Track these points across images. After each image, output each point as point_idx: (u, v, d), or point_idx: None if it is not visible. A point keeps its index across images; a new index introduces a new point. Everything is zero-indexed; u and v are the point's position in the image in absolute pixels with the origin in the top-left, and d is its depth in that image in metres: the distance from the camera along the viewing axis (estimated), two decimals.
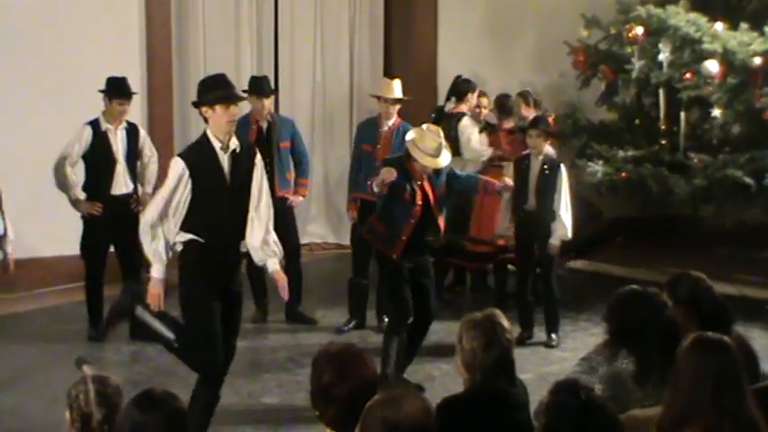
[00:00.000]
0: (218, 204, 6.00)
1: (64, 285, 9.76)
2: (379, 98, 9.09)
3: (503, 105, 10.12)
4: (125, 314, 6.34)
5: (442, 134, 7.36)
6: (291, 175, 9.24)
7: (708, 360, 3.77)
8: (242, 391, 7.47)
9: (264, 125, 9.12)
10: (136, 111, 10.32)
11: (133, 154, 8.82)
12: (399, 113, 9.03)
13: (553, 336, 8.72)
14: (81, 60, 10.17)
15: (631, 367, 4.56)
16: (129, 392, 3.89)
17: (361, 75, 12.56)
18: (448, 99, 10.27)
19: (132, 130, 8.85)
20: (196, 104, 6.10)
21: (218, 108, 5.96)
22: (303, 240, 12.15)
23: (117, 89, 8.72)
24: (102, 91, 8.68)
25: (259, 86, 9.17)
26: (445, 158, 7.29)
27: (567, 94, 12.10)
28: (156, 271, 6.04)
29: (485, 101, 10.54)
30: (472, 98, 10.00)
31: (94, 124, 8.67)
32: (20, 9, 9.97)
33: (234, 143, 6.10)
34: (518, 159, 8.81)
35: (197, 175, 5.94)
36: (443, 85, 11.60)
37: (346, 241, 10.54)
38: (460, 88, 10.07)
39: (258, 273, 9.20)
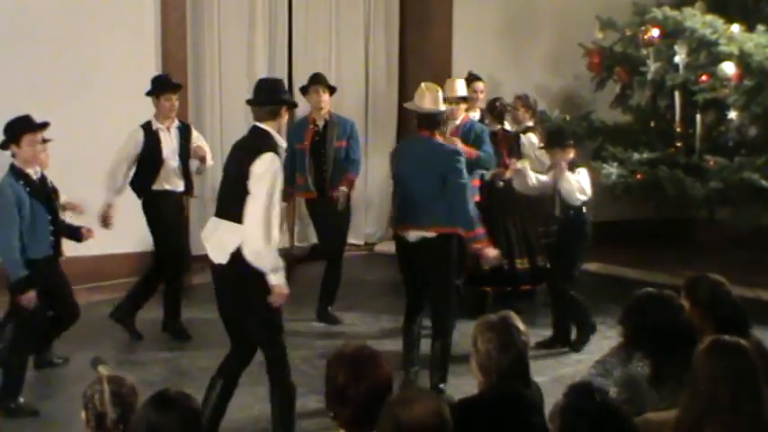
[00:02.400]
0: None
1: (80, 285, 9.71)
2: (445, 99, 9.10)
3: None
4: None
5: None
6: (348, 176, 9.25)
7: (725, 363, 3.76)
8: (257, 393, 7.46)
9: (321, 124, 9.17)
10: (151, 111, 10.36)
11: (186, 153, 8.84)
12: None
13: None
14: (97, 62, 10.21)
15: (646, 370, 4.55)
16: (144, 393, 3.91)
17: (376, 77, 12.56)
18: None
19: (184, 129, 8.91)
20: (279, 102, 6.22)
21: (283, 111, 6.20)
22: None
23: (160, 84, 8.83)
24: (148, 93, 8.76)
25: (318, 79, 9.26)
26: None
27: (581, 96, 12.11)
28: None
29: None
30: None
31: (146, 125, 8.76)
32: (36, 11, 9.99)
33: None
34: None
35: None
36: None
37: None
38: None
39: None
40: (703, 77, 10.52)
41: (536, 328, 8.65)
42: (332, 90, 9.38)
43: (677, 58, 10.70)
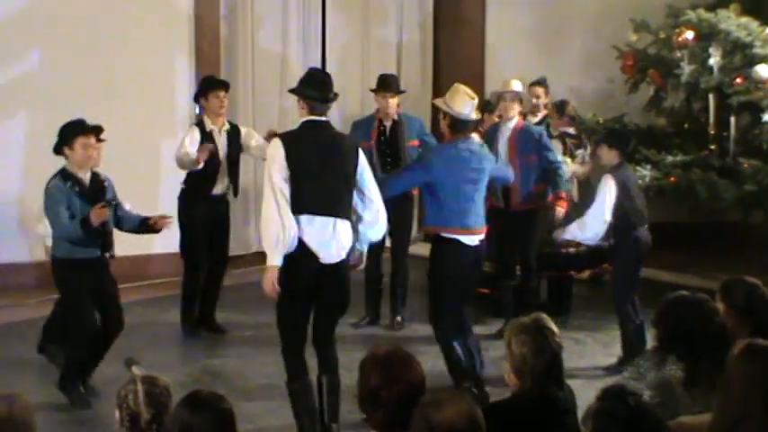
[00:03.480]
0: None
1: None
2: (499, 97, 9.00)
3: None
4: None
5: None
6: None
7: (759, 367, 3.72)
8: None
9: (389, 124, 9.13)
10: (185, 111, 10.42)
11: (235, 154, 8.91)
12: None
13: None
14: (130, 62, 10.26)
15: (680, 373, 4.52)
16: (176, 394, 3.93)
17: (409, 77, 12.54)
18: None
19: (234, 131, 8.94)
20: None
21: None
22: None
23: (208, 82, 8.96)
24: (196, 96, 8.90)
25: (387, 84, 9.19)
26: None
27: (615, 98, 12.03)
28: None
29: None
30: (486, 118, 9.48)
31: (200, 125, 8.82)
32: (70, 12, 10.06)
33: None
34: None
35: None
36: (491, 88, 11.58)
37: None
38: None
39: None
40: (738, 80, 10.46)
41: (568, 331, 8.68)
42: (400, 93, 9.35)
43: (711, 61, 10.64)
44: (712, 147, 10.97)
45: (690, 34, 10.76)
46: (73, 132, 7.15)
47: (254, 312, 9.59)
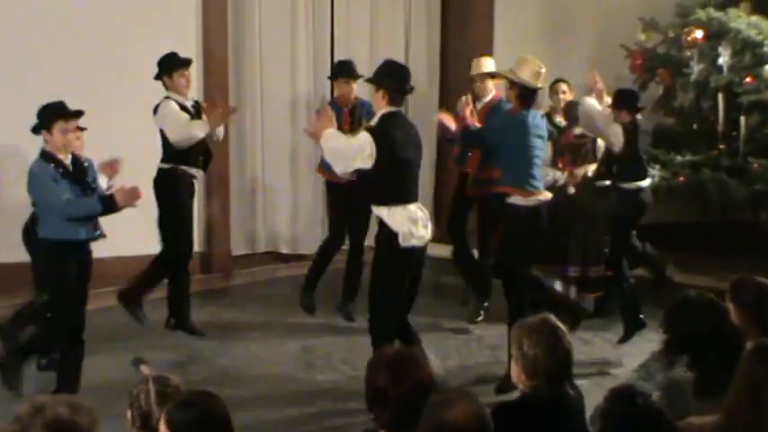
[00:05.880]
0: None
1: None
2: (473, 79, 9.32)
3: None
4: None
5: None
6: None
7: None
8: (296, 393, 7.50)
9: (347, 110, 9.29)
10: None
11: None
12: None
13: None
14: (138, 62, 10.23)
15: (689, 374, 4.51)
16: None
17: (417, 77, 12.45)
18: None
19: (198, 105, 8.61)
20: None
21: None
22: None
23: (172, 61, 8.48)
24: (159, 74, 8.48)
25: (348, 70, 9.38)
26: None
27: None
28: None
29: None
30: None
31: (172, 99, 8.40)
32: (79, 12, 10.04)
33: None
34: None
35: None
36: (498, 88, 11.55)
37: None
38: None
39: None
40: (747, 79, 10.46)
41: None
42: (359, 78, 9.47)
43: (721, 60, 10.63)
44: (722, 146, 10.96)
45: (699, 33, 10.75)
46: (52, 116, 6.94)
47: (263, 312, 9.62)
